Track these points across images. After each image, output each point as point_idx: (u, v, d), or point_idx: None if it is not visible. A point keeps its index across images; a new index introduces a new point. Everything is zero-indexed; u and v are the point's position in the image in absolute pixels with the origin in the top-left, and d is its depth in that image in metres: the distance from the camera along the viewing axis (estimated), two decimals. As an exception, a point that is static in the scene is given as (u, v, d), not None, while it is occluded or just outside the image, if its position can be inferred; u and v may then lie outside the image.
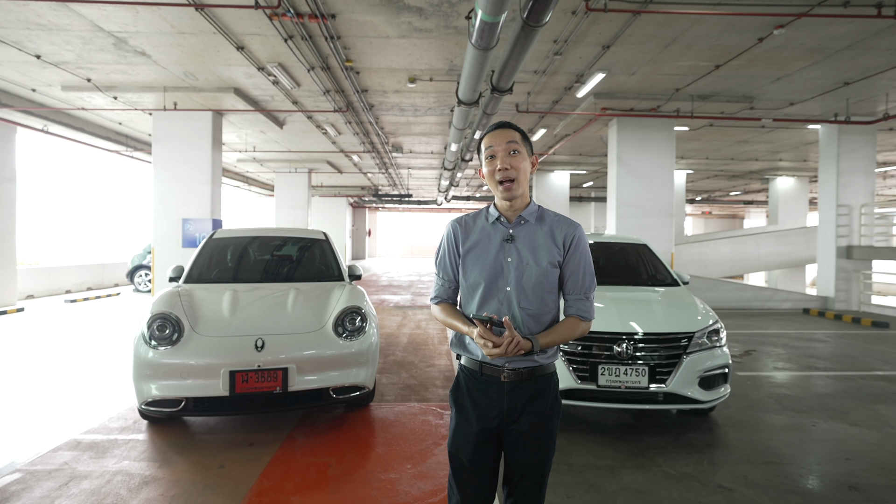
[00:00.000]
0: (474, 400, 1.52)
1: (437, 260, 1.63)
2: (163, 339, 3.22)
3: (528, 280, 1.49)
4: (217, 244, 4.53)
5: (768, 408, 4.06)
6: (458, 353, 1.59)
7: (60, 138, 10.54)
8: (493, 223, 1.55)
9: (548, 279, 1.50)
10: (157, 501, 2.52)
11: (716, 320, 3.56)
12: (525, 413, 1.49)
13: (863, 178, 9.99)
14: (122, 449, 3.14)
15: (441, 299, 1.61)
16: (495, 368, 1.49)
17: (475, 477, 1.52)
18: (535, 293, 1.48)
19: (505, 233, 1.53)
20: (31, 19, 5.67)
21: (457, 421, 1.55)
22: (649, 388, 3.24)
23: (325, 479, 2.78)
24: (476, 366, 1.52)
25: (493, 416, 1.49)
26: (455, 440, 1.53)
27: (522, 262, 1.50)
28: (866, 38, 6.09)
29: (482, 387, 1.51)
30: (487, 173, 1.53)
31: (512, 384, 1.48)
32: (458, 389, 1.57)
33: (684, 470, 2.94)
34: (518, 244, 1.51)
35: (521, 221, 1.54)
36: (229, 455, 3.07)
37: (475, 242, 1.55)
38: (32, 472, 2.82)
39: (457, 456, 1.53)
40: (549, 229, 1.53)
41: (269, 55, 6.90)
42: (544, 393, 1.51)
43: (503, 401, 1.49)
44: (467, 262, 1.55)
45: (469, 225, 1.58)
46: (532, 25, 4.30)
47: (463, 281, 1.57)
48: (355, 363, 3.43)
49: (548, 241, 1.52)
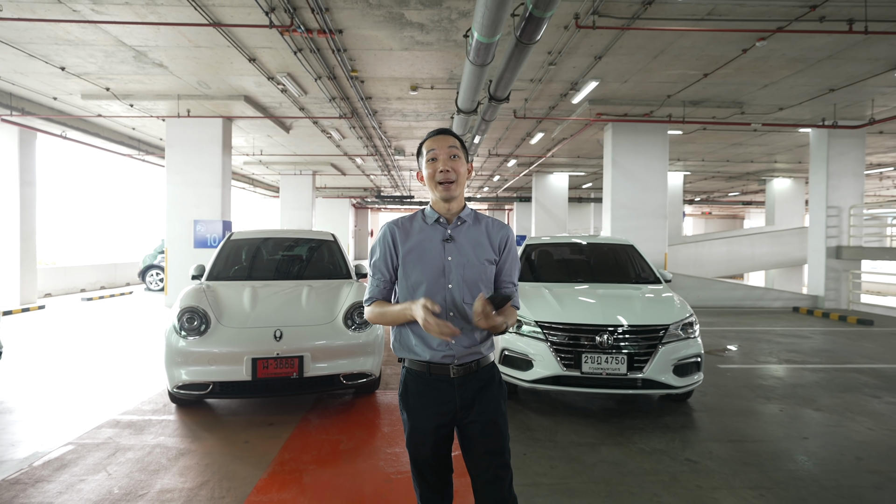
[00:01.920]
0: (424, 400, 1.56)
1: (372, 261, 1.64)
2: (192, 330, 3.60)
3: (470, 276, 1.56)
4: (235, 245, 4.91)
5: (742, 396, 4.41)
6: (402, 356, 1.61)
7: (77, 143, 10.96)
8: (432, 224, 1.60)
9: (486, 274, 1.59)
10: (193, 469, 2.90)
11: (690, 314, 3.91)
12: (477, 403, 1.55)
13: (852, 181, 10.30)
14: (157, 427, 3.53)
15: (375, 299, 1.63)
16: (443, 367, 1.54)
17: (436, 470, 1.60)
18: (475, 287, 1.56)
19: (444, 233, 1.59)
20: (60, 36, 6.07)
21: (411, 423, 1.58)
22: (628, 374, 3.60)
23: (338, 453, 3.16)
24: (423, 367, 1.56)
25: (447, 412, 1.55)
26: (413, 441, 1.59)
27: (463, 260, 1.57)
28: (845, 49, 6.42)
29: (432, 385, 1.55)
30: (428, 175, 1.57)
31: (461, 379, 1.55)
32: (407, 393, 1.60)
33: (657, 446, 3.30)
34: (458, 244, 1.58)
35: (458, 222, 1.60)
36: (252, 433, 3.45)
37: (416, 243, 1.59)
38: (83, 444, 3.21)
39: (416, 454, 1.59)
40: (484, 230, 1.62)
41: (279, 66, 7.29)
42: (491, 381, 1.59)
43: (455, 396, 1.54)
44: (408, 262, 1.58)
45: (407, 227, 1.62)
46: (525, 43, 4.67)
47: (403, 281, 1.59)
48: (363, 353, 3.80)
49: (484, 240, 1.60)
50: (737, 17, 5.51)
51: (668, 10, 5.40)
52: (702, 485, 2.78)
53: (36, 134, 9.89)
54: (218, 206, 9.89)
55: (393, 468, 2.95)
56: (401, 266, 1.59)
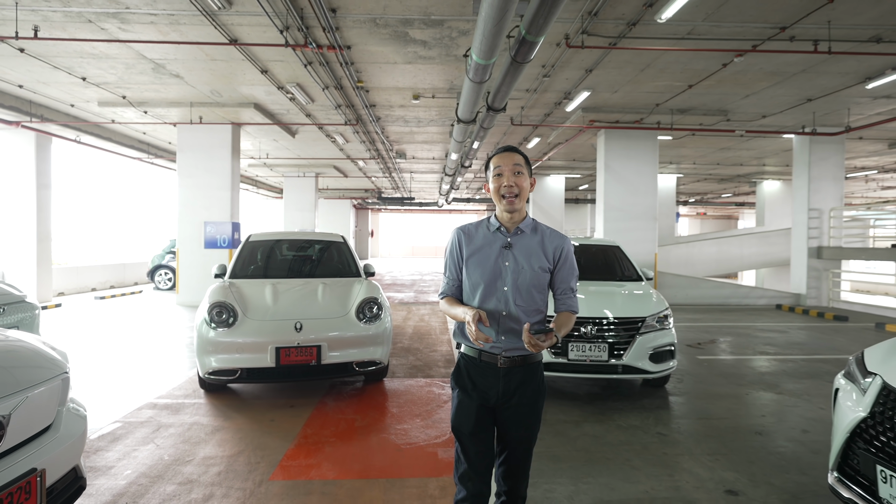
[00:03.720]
0: (474, 382, 1.75)
1: (445, 261, 1.88)
2: (221, 322, 4.04)
3: (523, 281, 1.72)
4: (254, 246, 5.35)
5: (714, 383, 4.88)
6: (459, 342, 1.81)
7: (90, 147, 11.37)
8: (493, 232, 1.78)
9: (538, 281, 1.74)
10: (229, 441, 3.35)
11: (666, 308, 4.38)
12: (516, 395, 1.72)
13: (832, 184, 10.80)
14: (191, 409, 3.97)
15: (446, 294, 1.85)
16: (492, 356, 1.72)
17: (477, 445, 1.74)
18: (527, 292, 1.72)
19: (504, 241, 1.76)
20: (85, 50, 6.50)
21: (459, 399, 1.77)
22: (609, 361, 4.06)
23: (353, 429, 3.61)
24: (476, 353, 1.75)
25: (491, 396, 1.73)
26: (458, 416, 1.75)
27: (518, 267, 1.73)
28: (817, 64, 6.90)
29: (481, 371, 1.74)
30: (494, 189, 1.75)
31: (507, 370, 1.72)
32: (459, 373, 1.79)
33: (633, 423, 3.76)
34: (515, 251, 1.75)
35: (518, 232, 1.77)
36: (276, 413, 3.90)
37: (478, 248, 1.78)
38: (128, 422, 3.65)
39: (460, 429, 1.75)
40: (541, 240, 1.78)
41: (289, 77, 7.73)
42: (533, 378, 1.75)
43: (499, 383, 1.72)
44: (470, 264, 1.77)
45: (472, 233, 1.81)
46: (519, 62, 5.12)
47: (466, 280, 1.78)
48: (373, 343, 4.25)
49: (539, 250, 1.76)
50: (714, 36, 5.98)
51: (652, 30, 5.86)
52: (668, 452, 3.24)
53: (51, 138, 10.29)
54: (227, 207, 10.32)
55: (402, 440, 3.40)
56: (464, 267, 1.79)
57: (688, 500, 2.65)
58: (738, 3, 5.24)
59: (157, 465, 2.98)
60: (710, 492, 2.73)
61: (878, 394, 2.06)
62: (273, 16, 5.38)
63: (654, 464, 3.07)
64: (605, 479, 2.87)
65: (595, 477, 2.89)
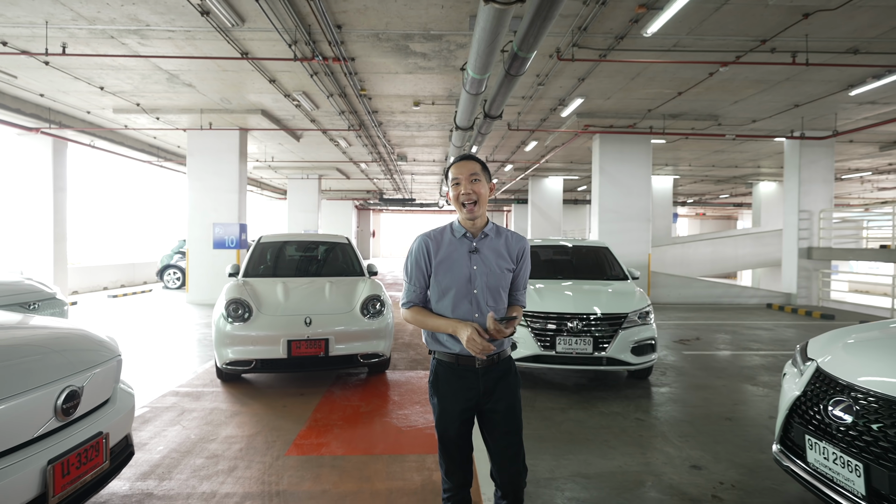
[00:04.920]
0: (452, 387, 1.80)
1: (409, 269, 1.87)
2: (237, 317, 4.40)
3: (492, 283, 1.80)
4: (265, 247, 5.71)
5: (695, 375, 5.22)
6: (432, 348, 1.85)
7: (103, 151, 11.78)
8: (459, 238, 1.85)
9: (504, 282, 1.84)
10: (247, 423, 3.72)
11: (647, 305, 4.72)
12: (497, 390, 1.80)
13: (822, 187, 11.11)
14: (210, 396, 4.34)
15: (413, 303, 1.86)
16: (469, 358, 1.78)
17: (460, 447, 1.84)
18: (496, 293, 1.81)
19: (470, 245, 1.83)
20: (105, 62, 6.89)
21: (441, 407, 1.82)
22: (594, 354, 4.41)
23: (359, 414, 3.97)
24: (452, 358, 1.81)
25: (472, 398, 1.80)
26: (441, 422, 1.82)
27: (487, 269, 1.81)
28: (799, 73, 7.23)
29: (459, 374, 1.80)
30: (453, 197, 1.82)
31: (485, 369, 1.80)
32: (437, 380, 1.84)
33: (615, 410, 4.11)
34: (482, 255, 1.82)
35: (483, 236, 1.85)
36: (288, 400, 4.26)
37: (446, 255, 1.83)
38: (155, 407, 4.02)
39: (444, 434, 1.83)
40: (504, 242, 1.87)
41: (296, 86, 8.10)
42: (509, 372, 1.84)
43: (479, 384, 1.79)
44: (440, 271, 1.82)
45: (438, 239, 1.86)
46: (513, 75, 5.48)
47: (435, 286, 1.82)
48: (376, 336, 4.61)
49: (505, 251, 1.85)
50: (699, 48, 6.31)
51: (639, 43, 6.20)
52: (643, 434, 3.59)
53: (67, 143, 10.70)
54: (235, 209, 10.70)
55: (403, 424, 3.76)
56: (433, 273, 1.84)
57: (656, 473, 3.00)
58: (718, 19, 5.58)
59: (185, 443, 3.34)
60: (677, 467, 3.08)
61: (811, 376, 2.40)
62: (282, 31, 5.75)
63: (630, 444, 3.42)
64: (584, 456, 3.22)
65: (575, 455, 3.24)
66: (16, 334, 2.13)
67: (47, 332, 2.26)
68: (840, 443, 2.04)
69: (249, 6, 5.27)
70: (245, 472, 2.93)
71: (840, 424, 2.07)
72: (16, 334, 2.13)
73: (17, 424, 1.72)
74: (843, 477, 2.01)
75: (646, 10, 5.29)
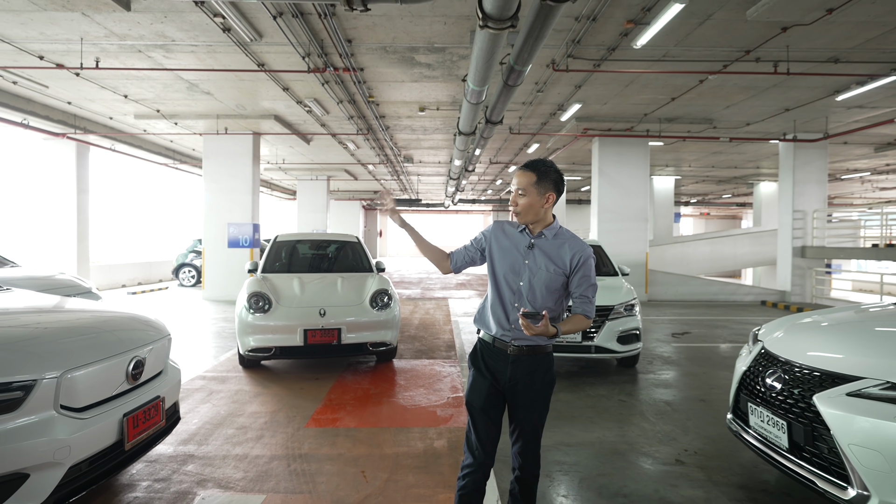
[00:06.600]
0: (487, 363, 1.95)
1: (475, 237, 2.08)
2: (258, 309, 4.86)
3: (538, 280, 1.89)
4: (281, 245, 6.17)
5: (681, 364, 5.61)
6: (478, 327, 2.03)
7: (123, 154, 12.34)
8: (520, 232, 1.99)
9: (552, 282, 1.89)
10: (269, 402, 4.17)
11: (633, 297, 5.12)
12: (524, 382, 1.90)
13: (815, 187, 11.41)
14: (234, 380, 4.80)
15: (453, 257, 2.08)
16: (504, 343, 1.91)
17: (486, 418, 1.94)
18: (540, 291, 1.89)
19: (528, 241, 1.96)
20: (131, 73, 7.39)
21: (473, 377, 1.98)
22: (582, 342, 4.82)
23: (369, 395, 4.41)
24: (490, 339, 1.96)
25: (500, 378, 1.93)
26: (471, 392, 1.97)
27: (536, 266, 1.90)
28: (786, 80, 7.57)
29: (493, 355, 1.94)
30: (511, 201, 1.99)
31: (515, 357, 1.90)
32: (475, 355, 2.00)
33: (600, 392, 4.52)
34: (535, 252, 1.93)
35: (541, 235, 1.95)
36: (304, 384, 4.71)
37: (508, 242, 1.99)
38: (186, 388, 4.48)
39: (472, 404, 1.95)
40: (561, 246, 1.93)
41: (308, 93, 8.57)
42: (540, 367, 1.91)
43: (508, 368, 1.91)
44: (496, 253, 1.99)
45: (507, 229, 2.03)
46: (511, 85, 5.90)
47: (490, 268, 2.00)
48: (384, 327, 5.04)
49: (559, 254, 1.91)
50: (687, 58, 6.69)
51: (630, 54, 6.59)
52: (623, 413, 4.00)
53: (90, 147, 11.25)
54: (248, 210, 11.19)
55: (409, 403, 4.20)
56: (492, 255, 2.00)
57: (630, 443, 3.41)
58: (703, 32, 5.96)
59: (216, 417, 3.80)
60: (650, 438, 3.49)
61: (757, 354, 2.81)
62: (297, 45, 6.20)
63: (610, 420, 3.83)
64: (568, 429, 3.64)
65: (560, 429, 3.65)
66: (92, 316, 2.59)
67: (112, 314, 2.73)
68: (771, 406, 2.45)
69: (267, 23, 5.72)
70: (271, 440, 3.38)
71: (772, 391, 2.48)
72: (92, 316, 2.59)
73: (102, 383, 2.18)
74: (774, 434, 2.42)
75: (634, 25, 5.68)
